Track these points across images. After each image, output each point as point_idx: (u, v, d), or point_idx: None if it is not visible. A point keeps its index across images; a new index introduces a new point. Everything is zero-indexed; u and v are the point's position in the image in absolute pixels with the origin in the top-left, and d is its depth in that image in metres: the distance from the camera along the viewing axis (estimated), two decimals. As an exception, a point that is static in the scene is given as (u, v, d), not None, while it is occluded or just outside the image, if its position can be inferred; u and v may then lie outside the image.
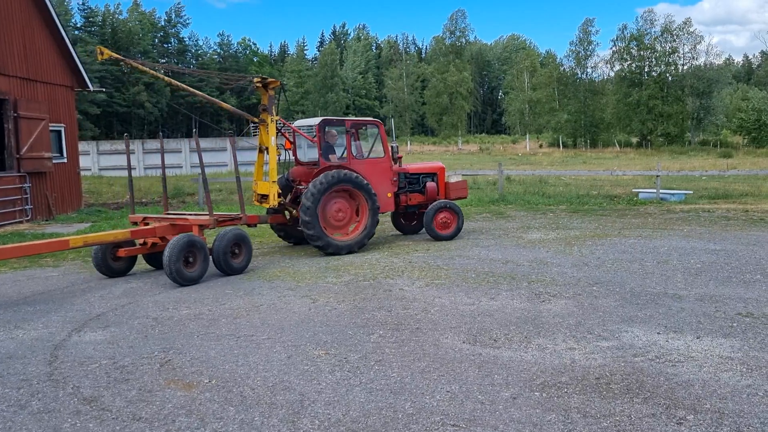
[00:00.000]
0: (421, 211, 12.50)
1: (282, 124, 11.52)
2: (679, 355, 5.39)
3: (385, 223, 14.46)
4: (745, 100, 70.17)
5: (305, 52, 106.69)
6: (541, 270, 8.91)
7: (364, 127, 12.28)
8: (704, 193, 19.07)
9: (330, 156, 11.28)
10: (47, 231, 14.47)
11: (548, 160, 49.04)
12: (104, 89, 44.46)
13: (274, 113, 11.07)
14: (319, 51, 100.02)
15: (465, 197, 13.37)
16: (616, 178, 25.65)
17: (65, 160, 18.39)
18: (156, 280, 9.04)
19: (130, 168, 10.54)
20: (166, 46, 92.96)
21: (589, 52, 76.59)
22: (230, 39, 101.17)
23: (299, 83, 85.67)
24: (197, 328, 6.50)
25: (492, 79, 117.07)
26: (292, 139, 11.65)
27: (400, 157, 12.37)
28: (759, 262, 9.06)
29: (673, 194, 18.28)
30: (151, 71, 10.96)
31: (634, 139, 73.99)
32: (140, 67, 10.88)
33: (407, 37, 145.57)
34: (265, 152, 11.06)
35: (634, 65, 71.85)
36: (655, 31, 71.27)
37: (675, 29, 70.67)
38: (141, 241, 9.52)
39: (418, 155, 57.12)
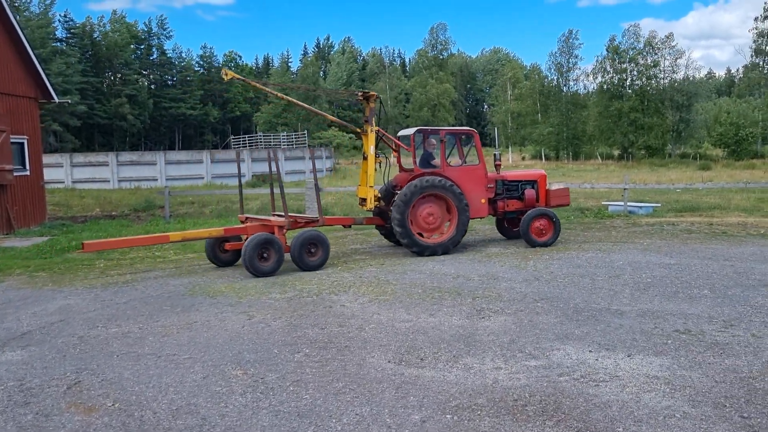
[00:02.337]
0: (520, 217, 12.69)
1: (381, 134, 12.22)
2: (605, 375, 5.25)
3: (346, 236, 14.30)
4: (726, 113, 70.92)
5: (289, 64, 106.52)
6: (490, 285, 8.77)
7: (463, 136, 12.91)
8: (674, 206, 19.02)
9: (431, 162, 12.11)
10: (4, 245, 14.17)
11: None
12: (69, 101, 43.96)
13: (374, 124, 12.03)
14: (302, 64, 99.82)
15: (567, 204, 13.73)
16: (590, 190, 25.61)
17: (28, 173, 18.07)
18: (96, 296, 8.80)
19: (239, 171, 12.24)
20: (150, 58, 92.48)
21: (571, 65, 77.12)
22: (213, 51, 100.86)
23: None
24: (120, 347, 6.29)
25: (477, 92, 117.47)
26: (395, 148, 12.60)
27: (499, 165, 12.96)
28: (710, 277, 8.97)
29: (641, 207, 18.23)
30: (266, 89, 13.30)
31: (616, 152, 74.34)
32: (258, 86, 13.22)
33: (392, 50, 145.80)
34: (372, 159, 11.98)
35: (615, 78, 72.33)
36: (638, 46, 71.90)
37: (657, 43, 71.35)
38: (245, 237, 10.58)
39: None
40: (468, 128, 12.94)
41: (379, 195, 11.99)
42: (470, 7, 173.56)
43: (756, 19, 69.32)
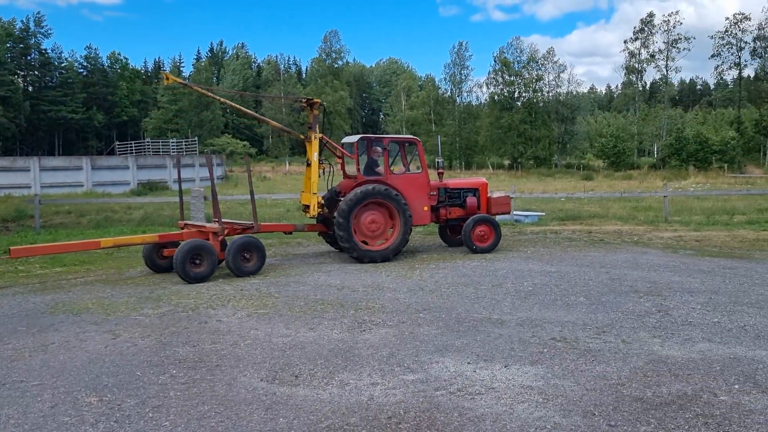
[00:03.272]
0: (461, 224, 12.77)
1: (325, 141, 12.20)
2: (481, 387, 5.19)
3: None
4: (606, 126, 75.22)
5: (181, 69, 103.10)
6: (374, 296, 8.62)
7: (406, 144, 12.99)
8: (558, 214, 19.70)
9: (375, 170, 12.21)
10: None
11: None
12: None
13: (318, 131, 12.02)
14: (195, 68, 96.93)
15: (508, 212, 14.05)
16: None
17: None
18: (-57, 316, 7.94)
19: (180, 178, 12.28)
20: (27, 58, 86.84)
21: (463, 76, 79.30)
22: (98, 52, 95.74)
23: (173, 101, 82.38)
24: (-40, 375, 5.64)
25: (373, 101, 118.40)
26: (339, 155, 12.58)
27: (441, 173, 13.00)
28: (587, 284, 9.23)
29: (527, 216, 18.75)
30: (211, 95, 13.51)
31: (507, 162, 76.96)
32: (202, 91, 13.36)
33: (287, 57, 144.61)
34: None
35: (505, 90, 74.97)
36: (523, 59, 74.95)
37: (540, 58, 74.63)
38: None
39: (296, 176, 56.39)
40: (412, 137, 13.13)
41: (323, 202, 11.99)
42: (367, 17, 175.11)
43: (626, 41, 73.98)
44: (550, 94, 74.89)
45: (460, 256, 12.08)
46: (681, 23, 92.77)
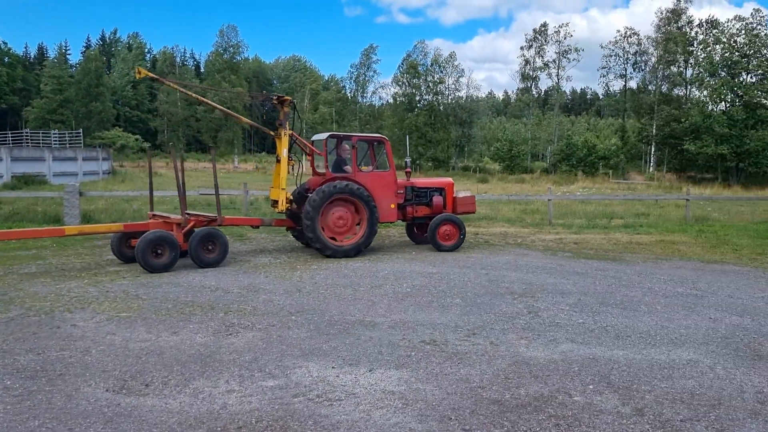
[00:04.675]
0: (428, 222, 13.11)
1: (294, 138, 12.34)
2: (342, 393, 5.04)
3: (106, 245, 13.05)
4: (502, 130, 77.71)
5: (68, 56, 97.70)
6: (248, 298, 8.32)
7: (375, 143, 13.18)
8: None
9: (344, 168, 12.44)
10: None
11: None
12: None
13: (288, 127, 12.18)
14: (84, 57, 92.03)
15: (473, 212, 14.25)
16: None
17: None
18: None
19: (151, 172, 12.42)
20: None
21: (368, 78, 79.68)
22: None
23: (58, 90, 77.78)
24: None
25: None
26: (309, 152, 12.75)
27: (409, 172, 13.49)
28: (465, 285, 9.31)
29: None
30: (184, 90, 13.93)
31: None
32: (174, 86, 13.76)
33: (184, 49, 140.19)
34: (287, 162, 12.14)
35: (409, 92, 75.91)
36: (426, 62, 76.21)
37: (442, 62, 76.14)
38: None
39: (191, 172, 54.59)
40: (380, 135, 13.32)
41: (291, 198, 12.24)
42: (271, 13, 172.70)
43: (522, 48, 76.71)
44: (450, 98, 76.57)
45: (343, 257, 11.94)
46: (572, 35, 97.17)
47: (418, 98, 75.58)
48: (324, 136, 12.65)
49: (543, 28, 74.30)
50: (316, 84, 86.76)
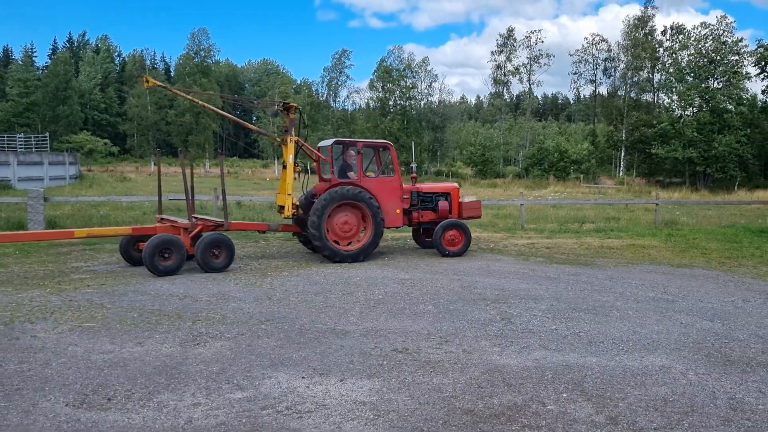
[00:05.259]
0: (434, 227, 13.13)
1: (300, 144, 12.39)
2: (312, 404, 4.92)
3: (71, 252, 12.73)
4: (474, 136, 78.03)
5: (34, 59, 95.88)
6: (217, 306, 8.14)
7: (380, 149, 13.29)
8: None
9: (350, 174, 12.41)
10: None
11: (295, 185, 49.05)
12: None
13: (293, 134, 12.25)
14: (51, 59, 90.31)
15: (478, 217, 14.13)
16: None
17: None
18: None
19: (159, 177, 12.45)
20: None
21: (341, 82, 79.51)
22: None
23: (24, 93, 76.12)
24: None
25: (245, 102, 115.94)
26: (315, 158, 12.89)
27: (415, 177, 13.61)
28: (437, 292, 9.23)
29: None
30: (190, 98, 14.89)
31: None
32: (181, 94, 13.99)
33: (153, 53, 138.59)
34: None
35: (382, 96, 75.87)
36: (401, 67, 76.22)
37: (415, 66, 76.31)
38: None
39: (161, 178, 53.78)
40: (385, 141, 13.41)
41: (297, 203, 12.31)
42: (244, 17, 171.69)
43: (492, 52, 77.14)
44: (423, 103, 76.75)
45: (315, 263, 11.80)
46: (543, 41, 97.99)
47: (391, 103, 75.62)
48: (329, 142, 12.74)
49: (510, 33, 74.88)
50: (284, 87, 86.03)
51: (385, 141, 13.55)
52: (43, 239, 11.76)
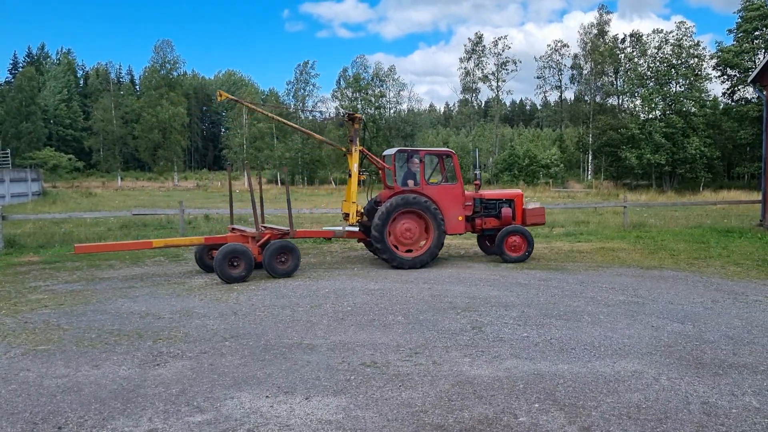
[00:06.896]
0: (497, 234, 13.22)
1: (365, 154, 12.95)
2: (275, 425, 4.71)
3: (30, 271, 12.31)
4: (443, 143, 78.26)
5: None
6: (179, 323, 7.87)
7: (444, 157, 13.41)
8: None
9: (408, 181, 12.68)
10: None
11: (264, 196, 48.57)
12: None
13: (358, 143, 12.77)
14: (12, 74, 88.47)
15: (543, 223, 14.17)
16: (318, 215, 25.83)
17: None
18: None
19: (230, 189, 13.42)
20: None
21: (307, 92, 79.23)
22: None
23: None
24: None
25: (213, 114, 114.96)
26: (379, 167, 13.34)
27: (478, 184, 13.81)
28: (407, 301, 9.07)
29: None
30: (262, 110, 16.92)
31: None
32: (253, 107, 14.74)
33: (118, 66, 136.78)
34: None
35: (350, 106, 75.73)
36: (367, 76, 76.30)
37: (383, 75, 76.42)
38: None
39: (129, 192, 53.08)
40: (447, 149, 13.58)
41: (362, 210, 12.76)
42: (211, 29, 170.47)
43: (461, 59, 77.60)
44: (392, 111, 76.87)
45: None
46: (509, 47, 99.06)
47: (360, 110, 75.57)
48: (393, 151, 13.09)
49: (479, 38, 75.40)
50: (250, 98, 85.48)
51: (448, 149, 13.64)
52: (124, 249, 12.36)
